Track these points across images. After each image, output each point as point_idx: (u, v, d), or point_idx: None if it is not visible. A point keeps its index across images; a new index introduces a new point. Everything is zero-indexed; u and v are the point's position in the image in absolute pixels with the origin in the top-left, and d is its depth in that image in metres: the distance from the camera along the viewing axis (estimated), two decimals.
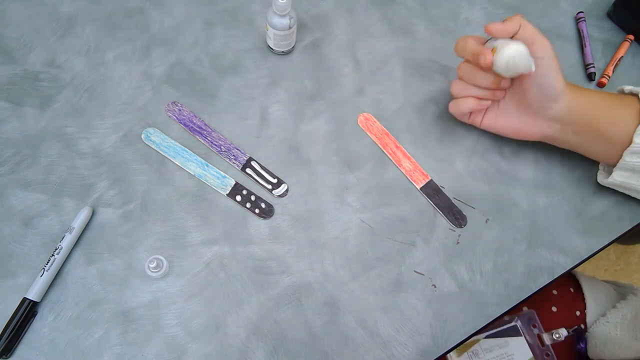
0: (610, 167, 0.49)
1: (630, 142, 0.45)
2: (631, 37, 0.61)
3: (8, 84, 0.53)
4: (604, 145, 0.47)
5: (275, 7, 0.49)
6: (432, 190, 0.52)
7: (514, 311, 0.63)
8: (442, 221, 0.51)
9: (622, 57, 0.59)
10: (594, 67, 0.59)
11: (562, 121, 0.47)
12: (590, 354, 0.60)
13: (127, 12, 0.57)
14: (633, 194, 0.50)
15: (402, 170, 0.53)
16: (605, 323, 0.60)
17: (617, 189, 0.50)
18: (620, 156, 0.46)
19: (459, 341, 0.47)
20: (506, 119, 0.50)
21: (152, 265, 0.44)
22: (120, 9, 0.57)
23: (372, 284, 0.48)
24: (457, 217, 0.51)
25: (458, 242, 0.51)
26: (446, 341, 0.47)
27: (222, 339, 0.46)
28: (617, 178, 0.48)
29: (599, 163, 0.52)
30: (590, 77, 0.59)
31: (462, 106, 0.49)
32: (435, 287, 0.49)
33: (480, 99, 0.48)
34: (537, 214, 0.52)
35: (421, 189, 0.52)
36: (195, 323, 0.46)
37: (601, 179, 0.51)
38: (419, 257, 0.50)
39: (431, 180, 0.52)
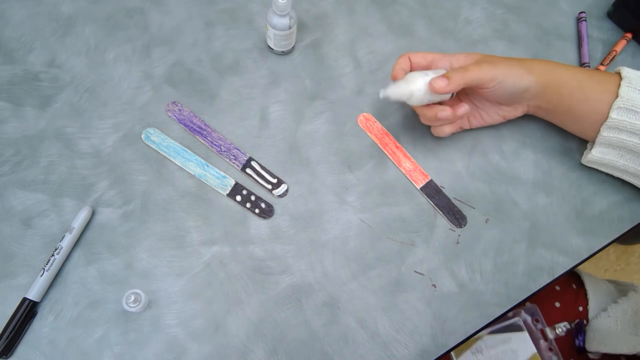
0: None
1: (607, 117, 0.46)
2: (629, 35, 0.61)
3: (8, 84, 0.53)
4: (577, 121, 0.49)
5: (275, 7, 0.49)
6: (432, 190, 0.52)
7: (517, 307, 0.63)
8: (442, 221, 0.51)
9: (617, 53, 0.59)
10: (589, 66, 0.59)
11: (539, 100, 0.49)
12: (589, 346, 0.60)
13: (127, 12, 0.57)
14: (615, 173, 0.51)
15: (402, 170, 0.53)
16: (606, 317, 0.60)
17: (600, 168, 0.52)
18: (598, 132, 0.47)
19: (459, 341, 0.47)
20: (490, 115, 0.52)
21: (129, 300, 0.43)
22: (120, 9, 0.57)
23: (372, 284, 0.48)
24: (457, 217, 0.51)
25: (458, 242, 0.51)
26: (446, 341, 0.47)
27: (222, 339, 0.46)
28: (596, 154, 0.49)
29: None
30: None
31: (441, 134, 0.51)
32: (435, 287, 0.49)
33: (451, 122, 0.50)
34: (537, 214, 0.52)
35: (421, 189, 0.52)
36: (195, 323, 0.46)
37: (584, 158, 0.52)
38: (419, 257, 0.50)
39: (431, 180, 0.52)
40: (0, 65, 0.53)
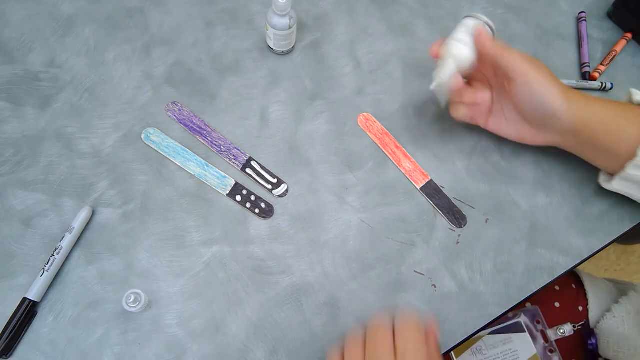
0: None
1: (634, 155, 0.45)
2: (629, 35, 0.61)
3: (8, 84, 0.53)
4: (607, 157, 0.48)
5: (275, 7, 0.49)
6: (432, 190, 0.52)
7: (517, 307, 0.63)
8: (442, 221, 0.51)
9: (617, 53, 0.60)
10: (588, 66, 0.59)
11: (566, 133, 0.47)
12: (602, 352, 0.59)
13: (127, 12, 0.57)
14: (633, 198, 0.50)
15: (402, 170, 0.53)
16: (612, 319, 0.60)
17: (617, 192, 0.51)
18: (623, 166, 0.46)
19: (459, 341, 0.47)
20: (511, 128, 0.50)
21: (129, 300, 0.43)
22: (120, 9, 0.57)
23: (372, 284, 0.48)
24: (457, 217, 0.51)
25: (458, 242, 0.51)
26: (446, 341, 0.47)
27: (222, 339, 0.46)
28: (616, 186, 0.49)
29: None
30: (584, 76, 0.59)
31: (456, 113, 0.50)
32: (435, 287, 0.49)
33: (469, 105, 0.49)
34: (537, 214, 0.52)
35: (421, 189, 0.52)
36: (195, 323, 0.46)
37: (602, 181, 0.51)
38: (419, 257, 0.50)
39: (431, 180, 0.52)
40: (0, 65, 0.53)
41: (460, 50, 0.45)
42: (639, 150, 0.44)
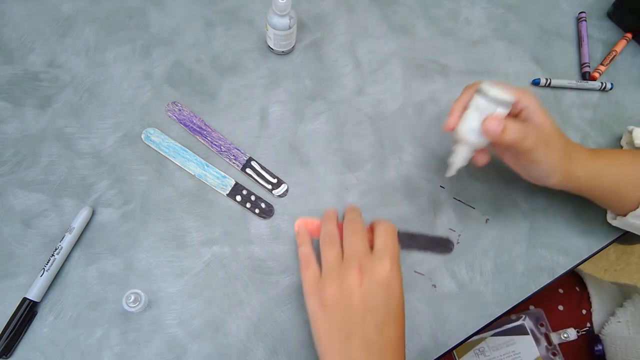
0: None
1: (637, 206, 0.45)
2: (629, 35, 0.61)
3: (8, 84, 0.53)
4: (607, 207, 0.49)
5: (275, 7, 0.49)
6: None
7: (521, 309, 0.63)
8: (443, 221, 0.51)
9: (617, 53, 0.60)
10: (588, 66, 0.59)
11: (566, 190, 0.47)
12: (610, 359, 0.59)
13: (127, 12, 0.57)
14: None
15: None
16: (616, 323, 0.60)
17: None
18: (625, 213, 0.47)
19: (459, 341, 0.47)
20: (519, 170, 0.47)
21: (129, 300, 0.43)
22: (120, 9, 0.57)
23: None
24: (442, 246, 0.51)
25: (458, 242, 0.51)
26: (446, 341, 0.47)
27: (222, 339, 0.46)
28: (617, 225, 0.50)
29: None
30: (584, 76, 0.59)
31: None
32: (435, 287, 0.49)
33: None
34: (537, 214, 0.52)
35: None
36: (195, 323, 0.46)
37: (608, 216, 0.51)
38: (419, 257, 0.50)
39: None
40: (0, 65, 0.53)
41: (473, 138, 0.41)
42: None
